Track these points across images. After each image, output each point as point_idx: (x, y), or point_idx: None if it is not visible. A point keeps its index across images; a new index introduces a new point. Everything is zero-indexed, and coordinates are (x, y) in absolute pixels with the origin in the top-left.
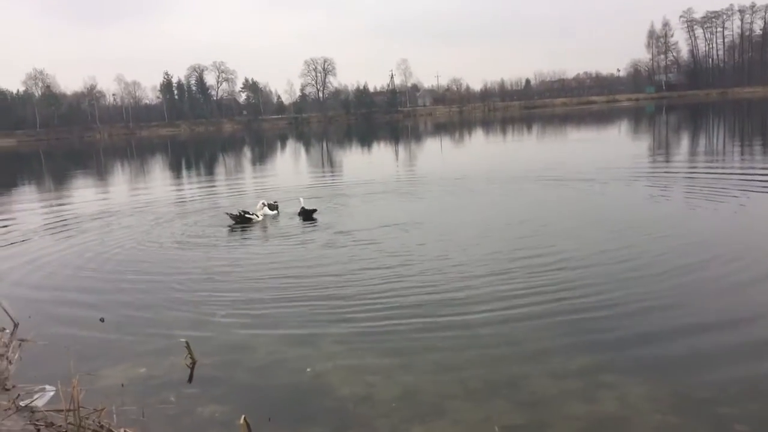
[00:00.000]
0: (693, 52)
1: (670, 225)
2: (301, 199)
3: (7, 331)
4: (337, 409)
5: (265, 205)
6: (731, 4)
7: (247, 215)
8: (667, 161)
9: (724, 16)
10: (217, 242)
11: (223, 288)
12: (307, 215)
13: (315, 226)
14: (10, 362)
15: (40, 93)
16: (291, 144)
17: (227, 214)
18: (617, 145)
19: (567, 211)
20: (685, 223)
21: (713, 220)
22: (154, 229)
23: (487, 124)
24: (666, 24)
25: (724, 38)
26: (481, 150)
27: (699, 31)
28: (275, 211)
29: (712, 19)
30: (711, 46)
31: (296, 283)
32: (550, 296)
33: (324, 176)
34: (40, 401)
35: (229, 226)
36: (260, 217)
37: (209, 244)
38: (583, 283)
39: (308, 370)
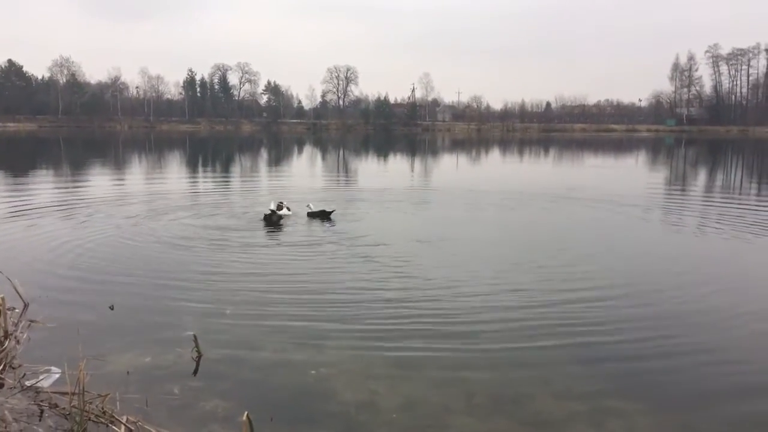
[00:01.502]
0: (716, 88)
1: (686, 257)
2: (311, 205)
3: (17, 310)
4: (339, 413)
5: (283, 206)
6: (758, 43)
7: (276, 213)
8: (684, 192)
9: (750, 54)
10: (231, 241)
11: (233, 286)
12: (323, 215)
13: (327, 231)
14: (18, 342)
15: (64, 80)
16: (308, 149)
17: (266, 214)
18: (633, 174)
19: (581, 235)
20: (700, 256)
21: (725, 254)
22: (168, 222)
23: (505, 144)
24: (691, 58)
25: (749, 76)
26: (498, 169)
27: (724, 67)
28: (290, 212)
29: (738, 56)
30: (735, 83)
31: (306, 287)
32: (561, 318)
33: (339, 182)
34: (45, 382)
35: (265, 219)
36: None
37: (223, 242)
38: (596, 307)
39: (312, 372)
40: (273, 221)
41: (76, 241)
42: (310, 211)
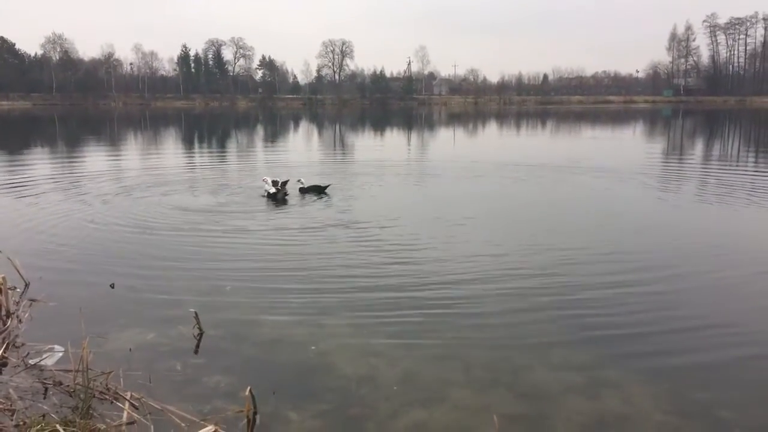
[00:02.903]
0: (714, 58)
1: (681, 228)
2: (302, 180)
3: (18, 290)
4: (340, 387)
5: (266, 182)
6: (756, 12)
7: (281, 190)
8: (681, 162)
9: (748, 24)
10: (230, 218)
11: (233, 263)
12: (318, 190)
13: (324, 206)
14: (20, 321)
15: (57, 57)
16: (304, 124)
17: (271, 192)
18: (632, 145)
19: (579, 208)
20: (697, 226)
21: (723, 224)
22: (166, 199)
23: (503, 117)
24: (689, 28)
25: (746, 46)
26: (496, 142)
27: (721, 37)
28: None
29: (735, 25)
30: (732, 52)
31: (305, 263)
32: (557, 290)
33: (335, 157)
34: (49, 360)
35: (269, 197)
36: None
37: (222, 219)
38: (592, 279)
39: (313, 348)
40: (278, 198)
41: (73, 218)
42: (302, 186)
